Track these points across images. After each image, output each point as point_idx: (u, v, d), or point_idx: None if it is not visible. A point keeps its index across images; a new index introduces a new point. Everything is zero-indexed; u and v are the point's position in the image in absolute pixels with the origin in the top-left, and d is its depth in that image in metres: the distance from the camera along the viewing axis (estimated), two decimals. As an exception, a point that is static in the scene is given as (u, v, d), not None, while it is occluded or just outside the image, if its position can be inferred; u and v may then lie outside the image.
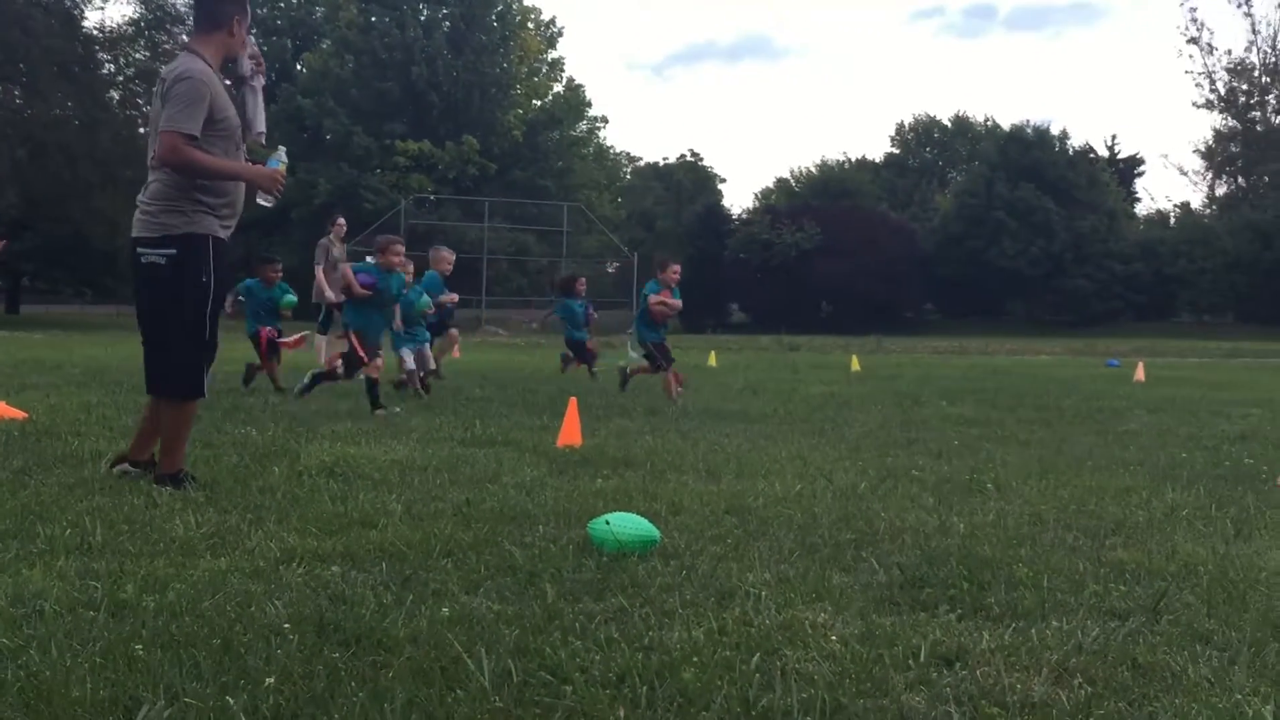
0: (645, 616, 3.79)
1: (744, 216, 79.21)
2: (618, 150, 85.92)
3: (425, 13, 63.59)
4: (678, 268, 13.61)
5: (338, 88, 60.18)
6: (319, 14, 68.42)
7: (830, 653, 3.44)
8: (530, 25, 68.00)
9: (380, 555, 4.61)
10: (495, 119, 62.79)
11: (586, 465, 7.38)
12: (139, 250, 6.21)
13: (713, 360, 22.81)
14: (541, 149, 65.80)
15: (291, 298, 13.25)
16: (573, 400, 8.88)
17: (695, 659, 3.34)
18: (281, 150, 6.71)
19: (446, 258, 14.37)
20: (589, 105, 70.79)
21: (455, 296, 14.35)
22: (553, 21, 69.51)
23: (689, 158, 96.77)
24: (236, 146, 6.38)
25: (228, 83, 6.46)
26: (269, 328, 13.01)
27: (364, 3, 62.90)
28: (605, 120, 78.28)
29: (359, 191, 57.59)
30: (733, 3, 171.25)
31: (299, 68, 66.45)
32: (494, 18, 64.52)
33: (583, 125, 70.88)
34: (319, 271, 17.74)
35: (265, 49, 67.77)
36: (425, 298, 12.66)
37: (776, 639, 3.57)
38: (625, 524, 4.80)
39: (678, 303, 13.50)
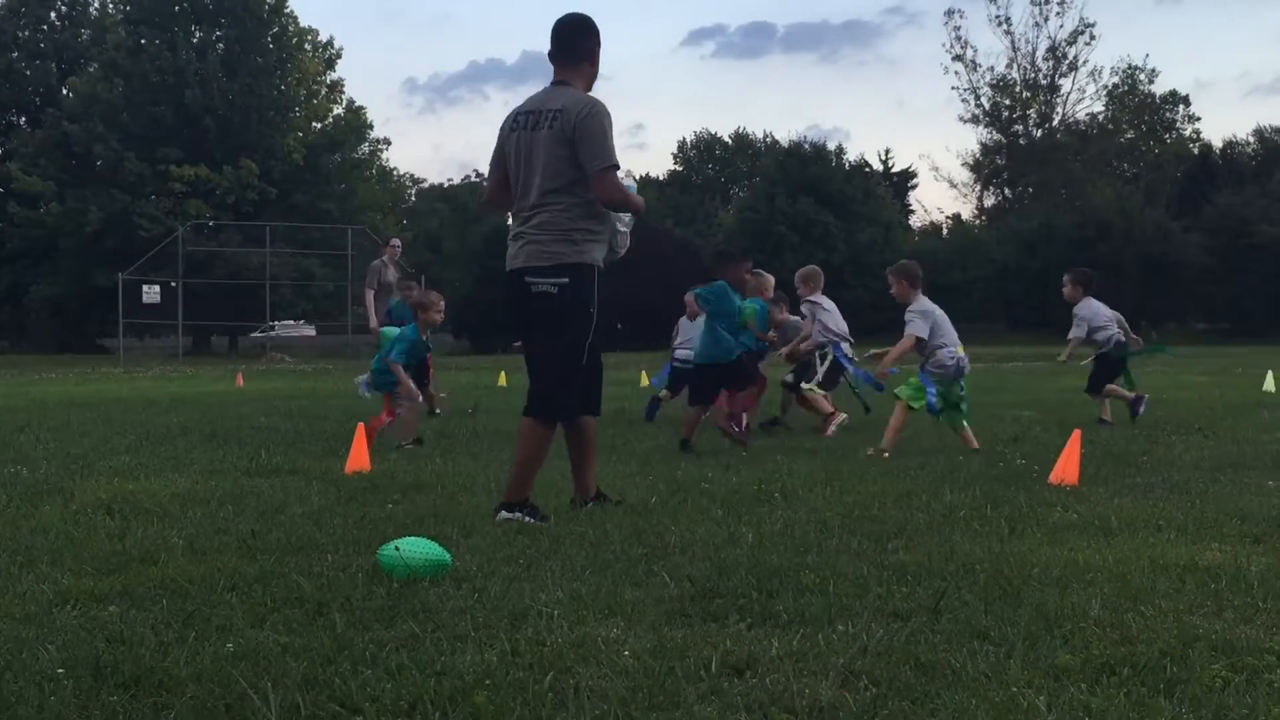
0: (437, 641, 3.75)
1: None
2: (401, 172, 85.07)
3: (198, 35, 61.92)
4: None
5: (107, 112, 58.16)
6: (85, 36, 66.08)
7: (623, 668, 3.46)
8: (308, 47, 66.81)
9: (161, 592, 4.47)
10: (274, 142, 61.47)
11: (376, 491, 7.28)
12: (529, 280, 6.32)
13: (503, 380, 22.73)
14: (323, 172, 64.63)
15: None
16: (360, 425, 8.75)
17: (488, 682, 3.32)
18: (631, 181, 6.90)
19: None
20: (370, 127, 69.91)
21: None
22: (331, 42, 68.39)
23: (474, 178, 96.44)
24: None
25: None
26: None
27: (132, 25, 60.94)
28: (387, 142, 77.49)
29: (133, 219, 55.65)
30: (518, 23, 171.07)
31: (65, 92, 64.09)
32: (269, 39, 63.17)
33: (364, 147, 69.93)
34: (369, 296, 16.86)
35: (28, 73, 65.36)
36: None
37: (569, 657, 3.57)
38: (415, 549, 4.74)
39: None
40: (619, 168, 6.29)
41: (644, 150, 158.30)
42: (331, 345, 58.25)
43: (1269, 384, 18.00)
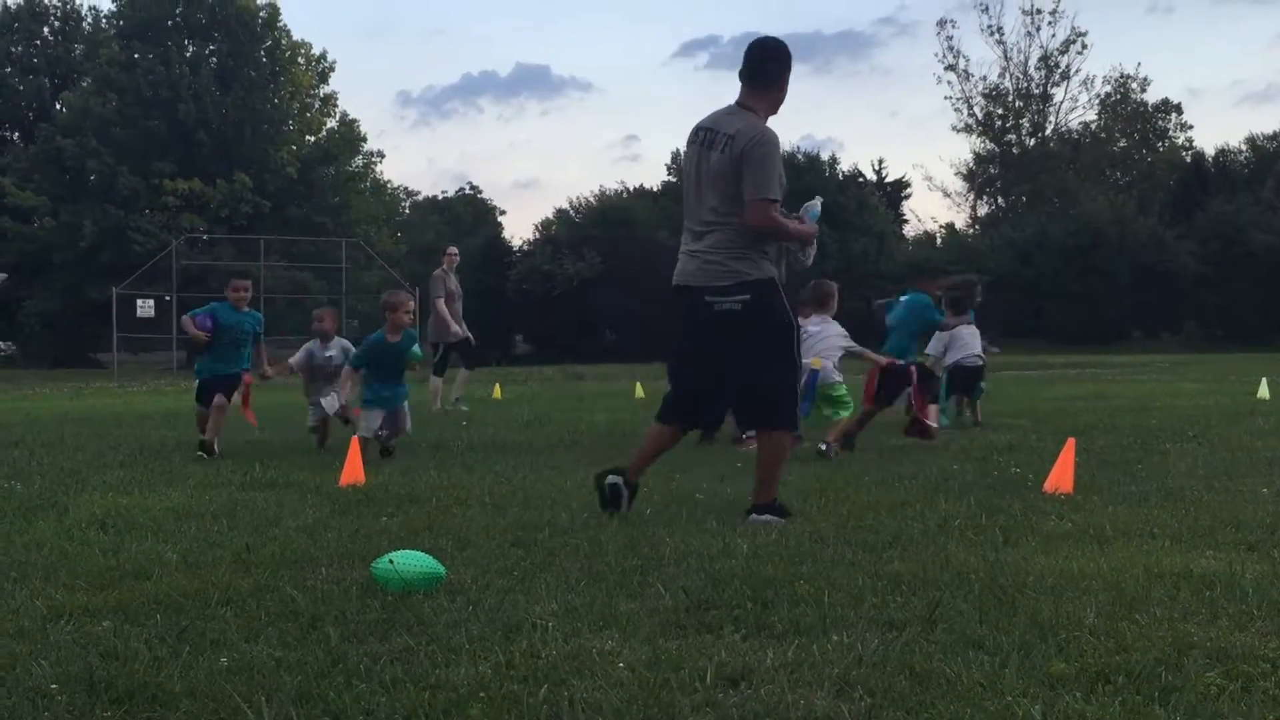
0: (431, 654, 3.74)
1: (525, 248, 79.31)
2: (395, 185, 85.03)
3: (191, 48, 61.96)
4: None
5: (100, 127, 58.14)
6: (78, 51, 66.11)
7: (618, 680, 3.45)
8: (301, 60, 66.85)
9: (155, 607, 4.46)
10: (268, 155, 61.45)
11: (370, 504, 7.27)
12: (709, 299, 6.49)
13: (498, 393, 22.72)
14: (317, 185, 64.64)
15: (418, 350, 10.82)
16: (355, 439, 8.75)
17: (482, 694, 3.32)
18: (817, 201, 7.04)
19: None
20: (364, 140, 69.93)
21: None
22: (324, 56, 68.40)
23: (468, 191, 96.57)
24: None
25: None
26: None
27: (125, 39, 60.95)
28: (381, 155, 77.19)
29: (127, 233, 55.65)
30: (510, 36, 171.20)
31: (58, 107, 64.08)
32: (263, 53, 63.20)
33: (358, 160, 69.95)
34: (439, 305, 16.69)
35: (21, 88, 65.37)
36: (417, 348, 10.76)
37: (564, 669, 3.57)
38: (409, 562, 4.73)
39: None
40: (778, 201, 6.50)
41: (637, 161, 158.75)
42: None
43: (1263, 391, 18.02)
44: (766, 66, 6.74)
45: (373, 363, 10.25)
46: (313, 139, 67.37)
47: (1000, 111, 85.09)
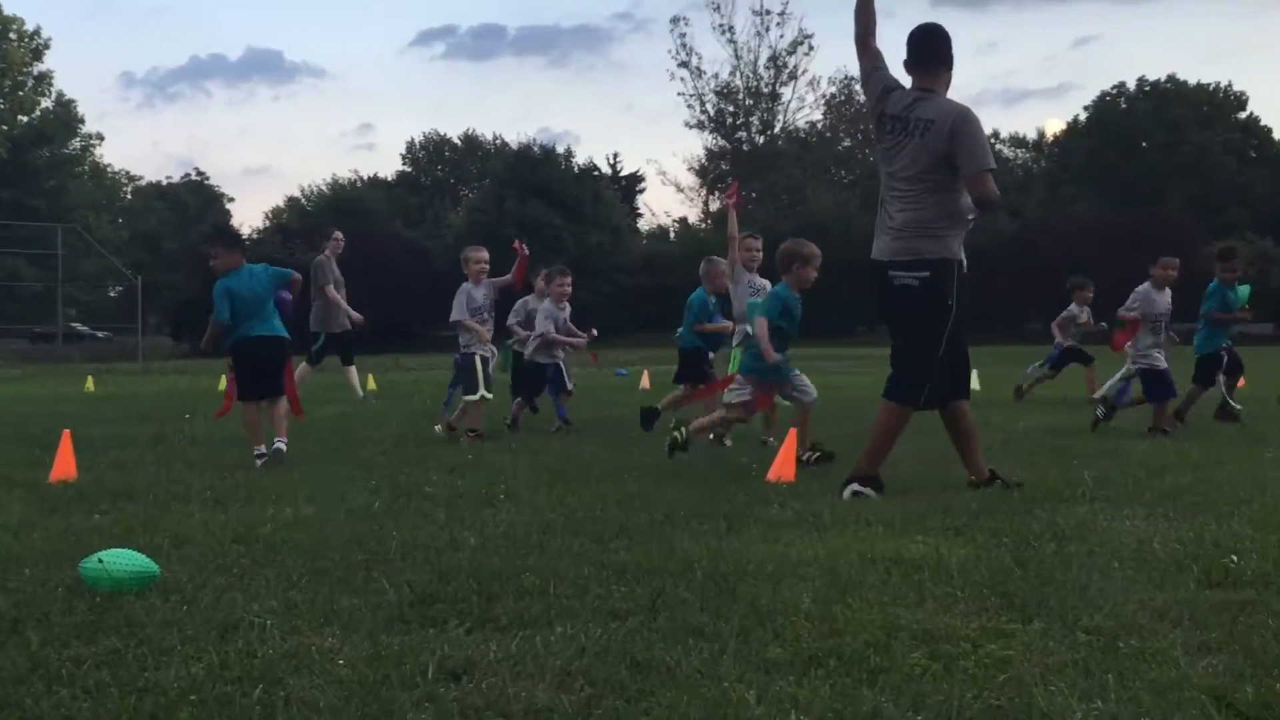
0: (140, 657, 3.60)
1: (255, 236, 77.37)
2: (116, 169, 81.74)
3: (-109, 21, 58.51)
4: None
5: None
6: None
7: (336, 677, 3.38)
8: (13, 36, 63.66)
9: None
10: (-24, 135, 58.47)
11: (82, 500, 6.97)
12: (891, 273, 6.93)
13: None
14: (30, 167, 61.74)
15: None
16: (66, 433, 8.36)
17: (193, 697, 3.21)
18: None
19: (723, 270, 11.04)
20: (82, 122, 67.12)
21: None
22: (38, 32, 65.31)
23: (195, 176, 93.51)
24: None
25: None
26: None
27: None
28: (101, 138, 74.06)
29: None
30: (241, 18, 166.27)
31: None
32: (-29, 27, 60.13)
33: (76, 143, 67.06)
34: (330, 292, 15.49)
35: None
36: None
37: (281, 668, 3.48)
38: (120, 560, 4.55)
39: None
40: (995, 170, 6.92)
41: (372, 150, 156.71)
42: (45, 351, 55.37)
43: (975, 383, 18.84)
44: (941, 48, 7.20)
45: None
46: (25, 119, 64.22)
47: (731, 109, 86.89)
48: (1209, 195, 74.97)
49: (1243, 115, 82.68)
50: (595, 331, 12.60)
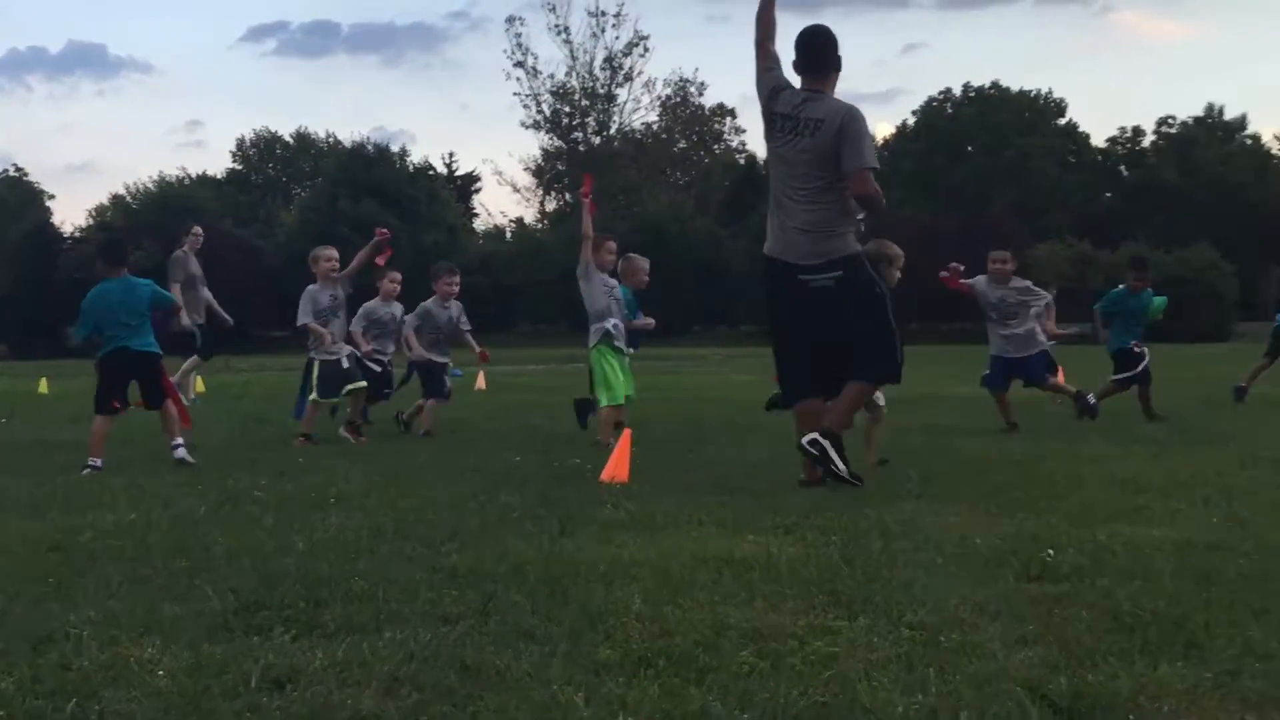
0: (-55, 674, 3.46)
1: (77, 235, 75.17)
2: (-76, 166, 78.58)
3: None
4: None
5: None
6: None
7: (155, 689, 3.29)
8: None
9: None
10: None
11: (-112, 510, 6.68)
12: (803, 276, 7.14)
13: (44, 387, 21.40)
14: None
15: None
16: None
17: (2, 713, 3.10)
18: None
19: (641, 266, 11.73)
20: (-109, 114, 64.38)
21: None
22: None
23: (13, 172, 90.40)
24: None
25: None
26: None
27: None
28: (-89, 131, 71.16)
29: None
30: (62, 10, 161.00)
31: None
32: None
33: (-116, 135, 64.35)
34: (176, 290, 14.67)
35: None
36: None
37: (97, 680, 3.37)
38: (-73, 572, 4.37)
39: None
40: (878, 169, 7.18)
41: (201, 148, 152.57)
42: None
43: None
44: (831, 54, 7.41)
45: None
46: None
47: (567, 109, 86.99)
48: (1031, 199, 77.41)
49: (1062, 121, 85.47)
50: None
